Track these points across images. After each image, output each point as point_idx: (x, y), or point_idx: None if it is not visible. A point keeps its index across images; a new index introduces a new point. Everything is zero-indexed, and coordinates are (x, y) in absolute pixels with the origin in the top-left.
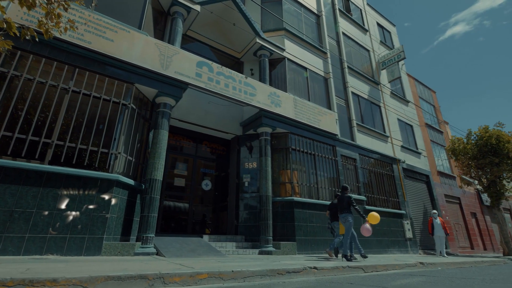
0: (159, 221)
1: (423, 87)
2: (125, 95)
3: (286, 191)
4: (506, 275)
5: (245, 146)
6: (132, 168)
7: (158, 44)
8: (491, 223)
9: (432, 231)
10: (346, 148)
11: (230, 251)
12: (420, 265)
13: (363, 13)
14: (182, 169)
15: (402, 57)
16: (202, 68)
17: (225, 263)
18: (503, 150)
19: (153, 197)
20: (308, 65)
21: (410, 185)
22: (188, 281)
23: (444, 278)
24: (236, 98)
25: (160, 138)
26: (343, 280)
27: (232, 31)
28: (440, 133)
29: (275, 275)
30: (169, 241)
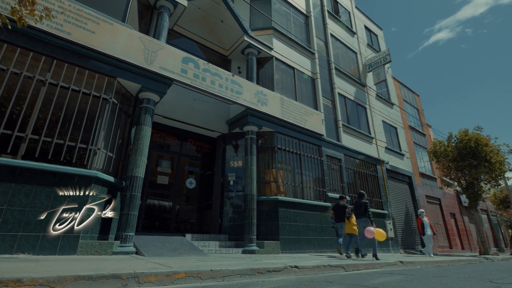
0: (140, 220)
1: (407, 90)
2: (106, 89)
3: (271, 190)
4: (479, 273)
5: (231, 145)
6: (113, 164)
7: (142, 38)
8: (469, 224)
9: (423, 231)
10: (332, 148)
11: (213, 250)
12: (400, 264)
13: (351, 16)
14: (166, 167)
15: (388, 60)
16: (188, 64)
17: (205, 262)
18: (481, 153)
19: (134, 194)
20: (296, 65)
21: (393, 185)
22: (164, 281)
23: (421, 276)
24: (222, 96)
25: (142, 134)
26: (323, 279)
27: (220, 28)
28: (422, 135)
29: (255, 274)
30: (150, 240)
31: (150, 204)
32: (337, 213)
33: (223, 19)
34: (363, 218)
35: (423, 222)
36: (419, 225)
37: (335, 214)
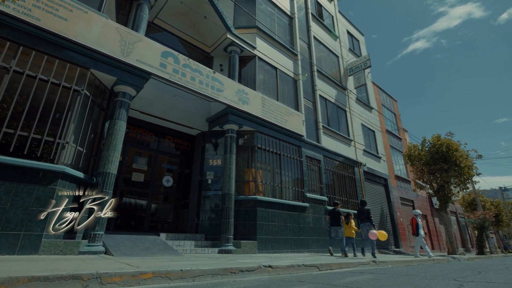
0: (113, 218)
1: (386, 95)
2: (78, 81)
3: (249, 189)
4: (445, 272)
5: (210, 143)
6: (83, 160)
7: (119, 29)
8: (439, 225)
9: (417, 231)
10: (311, 149)
11: (188, 250)
12: (372, 263)
13: (334, 20)
14: (141, 164)
15: (368, 65)
16: (168, 59)
17: (177, 262)
18: (451, 157)
19: (105, 191)
20: (279, 65)
21: (370, 187)
22: (129, 281)
23: (390, 275)
24: (202, 93)
25: (116, 129)
26: (295, 279)
27: (203, 24)
28: (399, 139)
29: (227, 274)
30: (122, 239)
31: (124, 202)
32: (332, 218)
33: (206, 15)
34: (367, 222)
35: (418, 223)
36: (414, 225)
37: (330, 218)
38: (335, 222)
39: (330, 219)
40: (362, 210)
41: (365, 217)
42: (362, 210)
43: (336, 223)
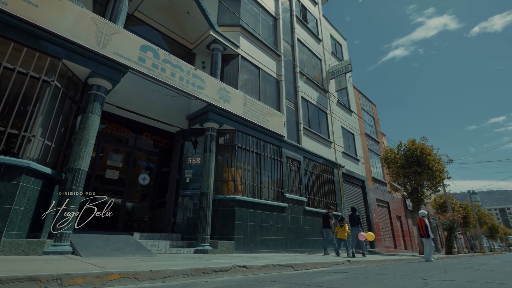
0: (83, 216)
1: (365, 100)
2: (48, 71)
3: (229, 189)
4: (414, 271)
5: (190, 141)
6: (51, 155)
7: (95, 19)
8: (412, 226)
9: (427, 232)
10: (292, 150)
11: (162, 250)
12: (347, 263)
13: (318, 24)
14: (116, 161)
15: (349, 69)
16: (147, 53)
17: (148, 262)
18: (425, 161)
19: (75, 188)
20: (262, 65)
21: (348, 189)
22: (93, 283)
23: (362, 274)
24: (183, 89)
25: (89, 123)
26: (268, 279)
27: (186, 19)
28: (377, 143)
29: (199, 275)
30: (92, 239)
31: (95, 199)
32: (324, 221)
33: (189, 10)
34: (357, 227)
35: (427, 223)
36: (423, 226)
37: (323, 221)
38: (326, 225)
39: (323, 222)
40: (353, 216)
41: (355, 222)
42: (353, 216)
43: (327, 225)
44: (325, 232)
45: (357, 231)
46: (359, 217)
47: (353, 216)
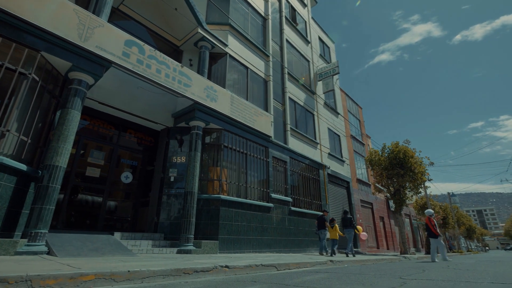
0: (61, 216)
1: (352, 102)
2: (25, 63)
3: (214, 188)
4: (394, 271)
5: (175, 139)
6: (27, 150)
7: (77, 11)
8: (394, 226)
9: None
10: (278, 150)
11: (144, 250)
12: (330, 263)
13: (307, 26)
14: (98, 158)
15: (337, 72)
16: (132, 48)
17: (127, 263)
18: (407, 163)
19: (52, 186)
20: (250, 65)
21: (333, 189)
22: (66, 284)
23: (343, 274)
24: (168, 87)
25: (69, 119)
26: (250, 279)
27: (174, 16)
28: (362, 144)
29: (180, 275)
30: (70, 239)
31: (77, 198)
32: (319, 222)
33: (177, 6)
34: (349, 228)
35: (435, 223)
36: (432, 226)
37: (318, 223)
38: (321, 226)
39: (318, 223)
40: (346, 218)
41: (348, 223)
42: (346, 218)
43: (322, 227)
44: (321, 234)
45: (350, 232)
46: (351, 219)
47: (345, 218)
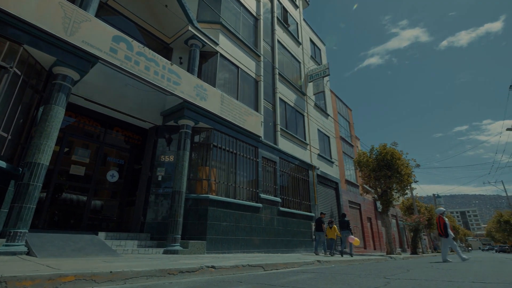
0: (43, 215)
1: (342, 104)
2: (6, 56)
3: (202, 188)
4: (379, 271)
5: (163, 138)
6: (7, 147)
7: (63, 4)
8: (381, 227)
9: (446, 231)
10: (268, 150)
11: (129, 251)
12: (317, 263)
13: (298, 27)
14: (83, 156)
15: (327, 74)
16: (120, 44)
17: (110, 263)
18: (394, 165)
19: (33, 184)
20: (241, 65)
21: (322, 190)
22: (44, 286)
23: (329, 274)
24: (157, 84)
25: (52, 115)
26: (236, 279)
27: (164, 12)
28: (351, 146)
29: (165, 276)
30: (51, 239)
31: (61, 197)
32: (317, 225)
33: (168, 3)
34: (346, 231)
35: (446, 222)
36: (442, 225)
37: (316, 225)
38: (319, 228)
39: (315, 226)
40: (343, 221)
41: (345, 226)
42: (343, 221)
43: (319, 229)
44: (318, 235)
45: (347, 234)
46: (348, 222)
47: (342, 221)
